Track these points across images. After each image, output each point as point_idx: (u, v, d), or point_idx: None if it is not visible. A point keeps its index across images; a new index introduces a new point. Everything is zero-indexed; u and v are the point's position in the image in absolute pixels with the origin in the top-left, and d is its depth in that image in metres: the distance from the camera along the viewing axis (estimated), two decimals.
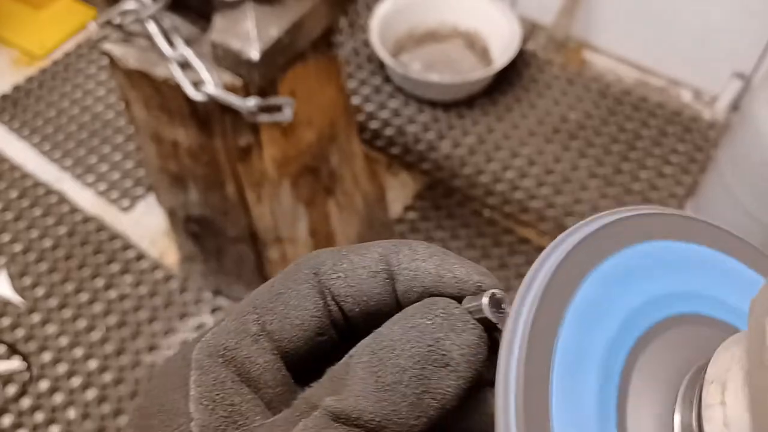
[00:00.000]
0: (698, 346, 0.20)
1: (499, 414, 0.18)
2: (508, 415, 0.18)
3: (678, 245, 0.22)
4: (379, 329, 0.22)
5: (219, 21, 0.82)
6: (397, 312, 0.23)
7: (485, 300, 0.22)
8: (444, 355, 0.21)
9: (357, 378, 0.21)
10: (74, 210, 1.44)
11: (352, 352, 0.23)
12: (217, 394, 0.22)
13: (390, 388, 0.21)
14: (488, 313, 0.22)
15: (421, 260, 0.24)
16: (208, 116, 0.92)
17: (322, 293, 0.25)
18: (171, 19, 0.85)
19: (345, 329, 0.25)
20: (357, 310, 0.24)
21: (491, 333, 0.22)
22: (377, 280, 0.24)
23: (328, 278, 0.24)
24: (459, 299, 0.23)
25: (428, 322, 0.22)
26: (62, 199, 1.46)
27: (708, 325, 0.21)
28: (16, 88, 1.65)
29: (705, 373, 0.18)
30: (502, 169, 1.50)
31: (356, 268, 0.24)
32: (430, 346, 0.21)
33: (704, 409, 0.18)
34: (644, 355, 0.20)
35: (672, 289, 0.21)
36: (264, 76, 0.83)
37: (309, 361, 0.25)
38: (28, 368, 1.25)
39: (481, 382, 0.22)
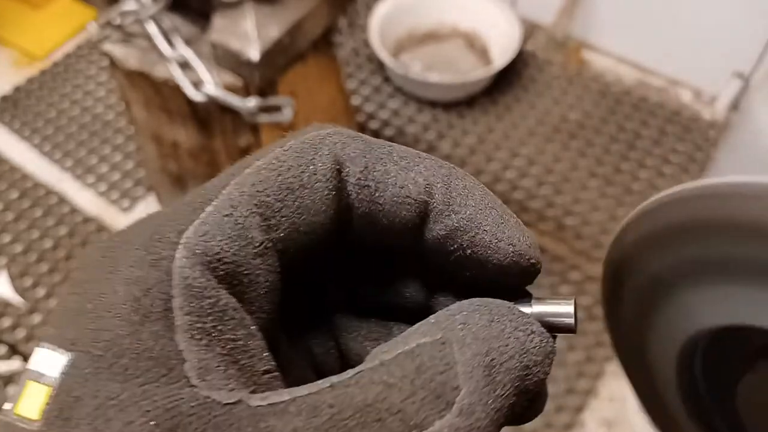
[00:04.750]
0: None
1: None
2: None
3: None
4: (469, 326, 0.17)
5: (219, 21, 0.82)
6: (411, 244, 0.20)
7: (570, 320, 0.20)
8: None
9: (475, 398, 0.16)
10: (74, 211, 1.44)
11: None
12: (214, 326, 0.16)
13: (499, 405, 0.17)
14: (574, 323, 0.20)
15: (478, 208, 0.19)
16: (208, 116, 0.92)
17: (339, 199, 0.19)
18: (171, 20, 0.85)
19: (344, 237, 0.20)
20: (370, 229, 0.19)
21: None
22: (410, 210, 0.19)
23: (354, 183, 0.19)
24: (501, 269, 0.20)
25: (525, 337, 0.18)
26: (62, 200, 1.46)
27: None
28: (17, 89, 1.65)
29: None
30: (502, 168, 1.50)
31: (390, 186, 0.19)
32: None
33: None
34: None
35: None
36: (264, 76, 0.83)
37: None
38: None
39: None
